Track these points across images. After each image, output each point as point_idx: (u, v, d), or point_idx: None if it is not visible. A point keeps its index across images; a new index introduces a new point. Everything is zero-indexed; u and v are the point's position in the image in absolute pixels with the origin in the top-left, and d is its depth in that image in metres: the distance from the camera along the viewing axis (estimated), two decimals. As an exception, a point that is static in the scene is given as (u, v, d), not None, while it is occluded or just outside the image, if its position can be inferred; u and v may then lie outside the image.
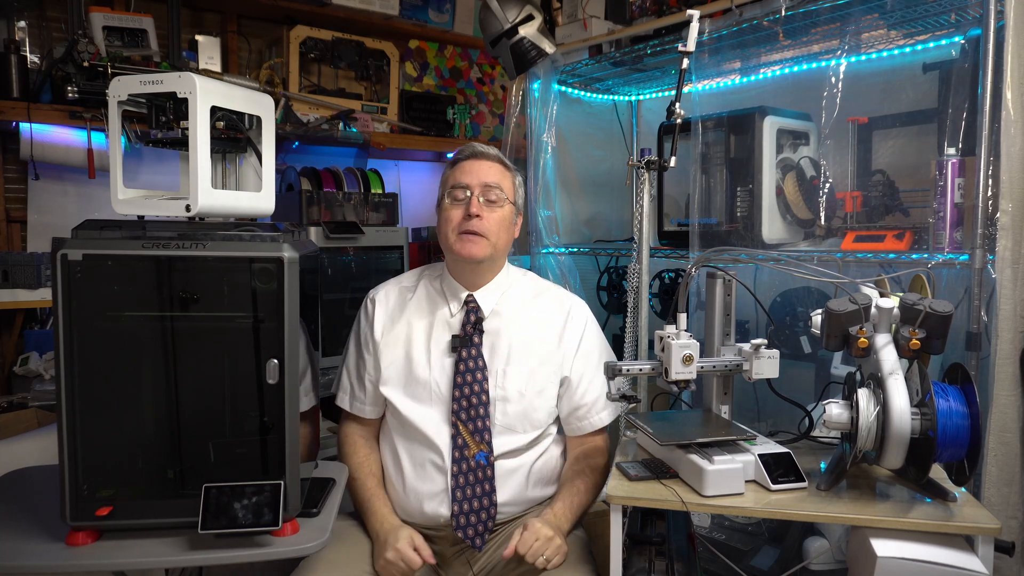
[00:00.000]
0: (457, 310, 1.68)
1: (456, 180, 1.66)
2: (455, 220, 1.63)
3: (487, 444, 1.59)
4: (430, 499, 1.59)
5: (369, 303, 1.74)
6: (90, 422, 1.25)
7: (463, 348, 1.62)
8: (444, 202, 1.67)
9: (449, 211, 1.65)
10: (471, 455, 1.58)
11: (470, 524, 1.57)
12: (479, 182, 1.64)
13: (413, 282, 1.76)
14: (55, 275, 1.21)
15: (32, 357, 2.48)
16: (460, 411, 1.59)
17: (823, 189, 1.93)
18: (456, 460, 1.58)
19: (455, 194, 1.65)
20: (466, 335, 1.64)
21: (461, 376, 1.61)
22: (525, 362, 1.64)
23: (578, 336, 1.71)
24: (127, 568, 1.28)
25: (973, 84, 1.61)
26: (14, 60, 2.38)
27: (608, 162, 2.85)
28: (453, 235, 1.63)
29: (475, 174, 1.65)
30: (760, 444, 1.45)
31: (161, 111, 1.36)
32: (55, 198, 2.65)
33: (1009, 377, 1.53)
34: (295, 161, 3.05)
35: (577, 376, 1.68)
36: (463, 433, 1.58)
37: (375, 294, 1.75)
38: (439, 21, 3.41)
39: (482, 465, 1.58)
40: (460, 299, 1.68)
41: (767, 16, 1.91)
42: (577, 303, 1.77)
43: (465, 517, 1.57)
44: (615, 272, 2.70)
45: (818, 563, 1.83)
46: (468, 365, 1.61)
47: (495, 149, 1.73)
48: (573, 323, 1.72)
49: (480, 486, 1.58)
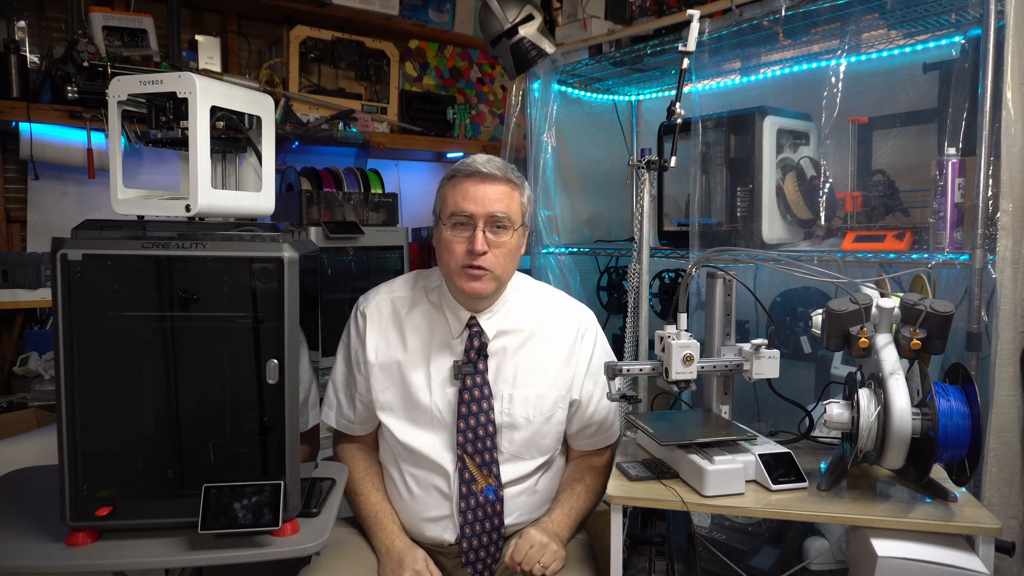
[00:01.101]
0: (459, 331, 1.57)
1: (458, 206, 1.49)
2: (457, 254, 1.49)
3: (495, 477, 1.54)
4: (434, 523, 1.56)
5: (360, 317, 1.62)
6: (90, 422, 1.25)
7: (467, 376, 1.54)
8: (444, 228, 1.52)
9: (451, 242, 1.50)
10: (479, 490, 1.53)
11: (479, 559, 1.54)
12: (484, 212, 1.48)
13: (407, 291, 1.64)
14: (55, 275, 1.21)
15: (32, 357, 2.48)
16: (466, 443, 1.53)
17: (823, 189, 1.93)
18: (463, 495, 1.53)
19: (456, 221, 1.50)
20: (470, 360, 1.55)
21: (466, 406, 1.53)
22: (532, 386, 1.58)
23: (588, 355, 1.63)
24: (127, 568, 1.28)
25: (973, 84, 1.61)
26: (14, 60, 2.38)
27: (608, 162, 2.85)
28: (456, 268, 1.51)
29: (480, 202, 1.49)
30: (760, 444, 1.45)
31: (161, 111, 1.36)
32: (55, 198, 2.65)
33: (1009, 377, 1.52)
34: (295, 161, 3.05)
35: (587, 397, 1.63)
36: (470, 467, 1.53)
37: (365, 307, 1.62)
38: (439, 21, 3.41)
39: (491, 500, 1.54)
40: (462, 320, 1.57)
41: (767, 16, 1.91)
42: (586, 317, 1.67)
43: (475, 553, 1.54)
44: (615, 272, 2.70)
45: (818, 563, 1.83)
46: (473, 394, 1.54)
47: (500, 162, 1.55)
48: (584, 342, 1.63)
49: (489, 521, 1.54)
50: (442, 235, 1.54)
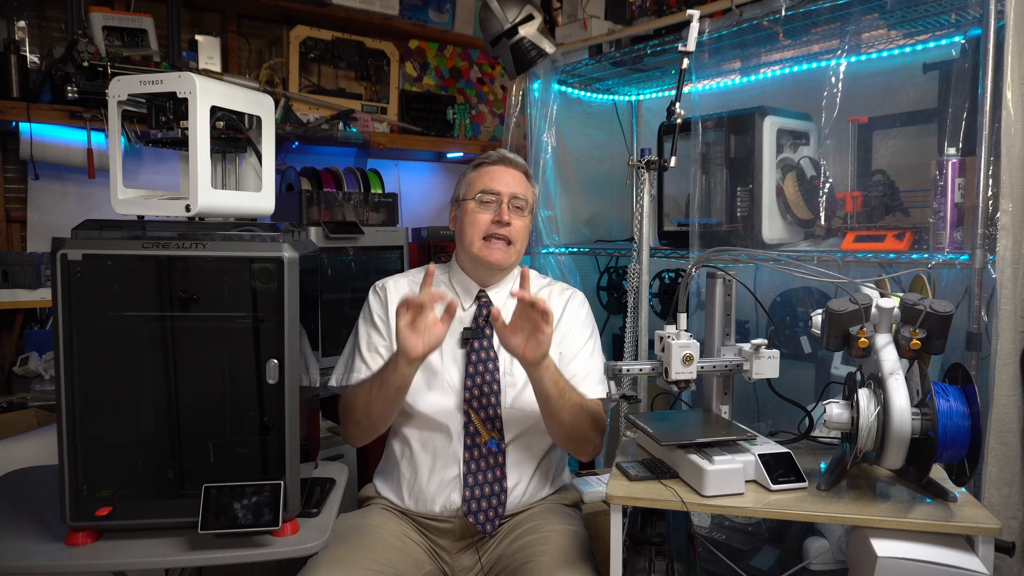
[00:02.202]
0: (469, 304, 1.72)
1: (486, 185, 1.69)
2: (482, 223, 1.67)
3: (498, 431, 1.62)
4: (443, 487, 1.61)
5: (379, 290, 1.75)
6: (90, 422, 1.25)
7: (475, 339, 1.65)
8: (469, 204, 1.69)
9: (476, 214, 1.68)
10: (482, 442, 1.61)
11: (481, 510, 1.59)
12: (509, 191, 1.68)
13: (420, 275, 1.75)
14: (55, 275, 1.21)
15: (32, 357, 2.48)
16: (472, 399, 1.62)
17: (823, 189, 1.93)
18: (468, 447, 1.60)
19: (484, 198, 1.68)
20: (478, 327, 1.67)
21: (473, 366, 1.64)
22: None
23: (572, 318, 1.76)
24: (127, 568, 1.28)
25: (973, 84, 1.61)
26: (14, 60, 2.38)
27: (608, 162, 2.85)
28: (478, 238, 1.67)
29: (505, 182, 1.69)
30: (760, 444, 1.44)
31: (161, 111, 1.36)
32: (55, 198, 2.65)
33: (1009, 377, 1.53)
34: (295, 161, 3.05)
35: (568, 354, 1.71)
36: (475, 421, 1.61)
37: (385, 283, 1.76)
38: (439, 21, 3.41)
39: (493, 452, 1.61)
40: (472, 294, 1.73)
41: (767, 16, 1.91)
42: (577, 293, 1.82)
43: (476, 503, 1.59)
44: (615, 272, 2.70)
45: (818, 563, 1.83)
46: (480, 356, 1.65)
47: (521, 158, 1.77)
48: (570, 308, 1.77)
49: (492, 472, 1.61)
50: (467, 209, 1.70)
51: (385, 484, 1.72)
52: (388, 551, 1.53)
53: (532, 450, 1.67)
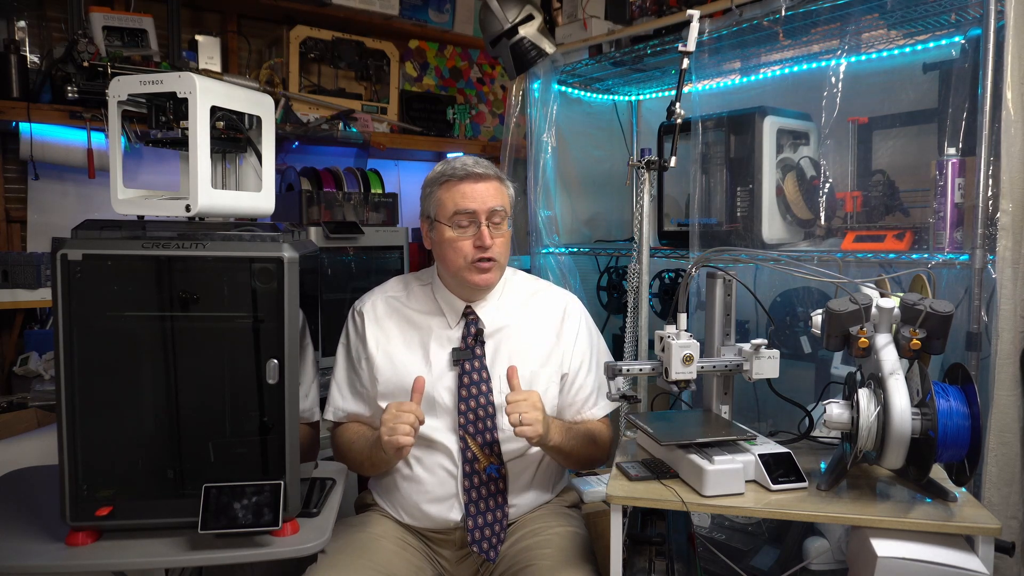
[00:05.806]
0: (455, 322, 1.65)
1: (459, 206, 1.58)
2: (464, 251, 1.58)
3: (496, 456, 1.58)
4: (440, 502, 1.59)
5: (356, 316, 1.69)
6: (90, 422, 1.25)
7: (465, 361, 1.60)
8: (445, 230, 1.60)
9: (457, 242, 1.59)
10: (481, 468, 1.57)
11: (484, 538, 1.56)
12: (485, 207, 1.59)
13: (400, 291, 1.72)
14: (55, 275, 1.21)
15: (32, 357, 2.48)
16: (467, 424, 1.58)
17: (823, 189, 1.93)
18: (467, 475, 1.57)
19: (459, 221, 1.58)
20: (467, 347, 1.62)
21: (466, 389, 1.59)
22: (527, 366, 1.63)
23: (574, 332, 1.71)
24: (127, 568, 1.28)
25: (973, 84, 1.61)
26: (14, 60, 2.38)
27: (608, 162, 2.85)
28: (465, 265, 1.59)
29: (478, 198, 1.59)
30: (760, 444, 1.44)
31: (161, 111, 1.36)
32: (55, 198, 2.65)
33: (1009, 377, 1.53)
34: (295, 161, 3.05)
35: (573, 372, 1.69)
36: (472, 447, 1.58)
37: (361, 307, 1.70)
38: (439, 21, 3.41)
39: (493, 478, 1.58)
40: (458, 311, 1.66)
41: (767, 16, 1.91)
42: (572, 300, 1.76)
43: (480, 532, 1.56)
44: (615, 272, 2.70)
45: (818, 563, 1.83)
46: (472, 377, 1.60)
47: (485, 161, 1.66)
48: (570, 320, 1.71)
49: (493, 499, 1.58)
50: (445, 236, 1.61)
51: (383, 499, 1.69)
52: (388, 557, 1.53)
53: (532, 466, 1.65)
